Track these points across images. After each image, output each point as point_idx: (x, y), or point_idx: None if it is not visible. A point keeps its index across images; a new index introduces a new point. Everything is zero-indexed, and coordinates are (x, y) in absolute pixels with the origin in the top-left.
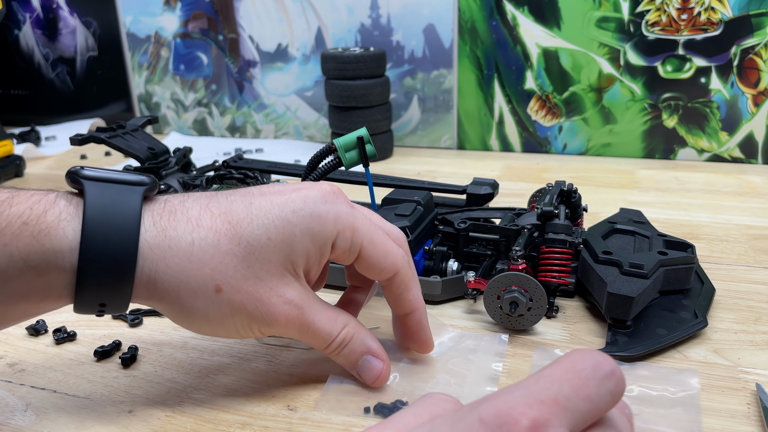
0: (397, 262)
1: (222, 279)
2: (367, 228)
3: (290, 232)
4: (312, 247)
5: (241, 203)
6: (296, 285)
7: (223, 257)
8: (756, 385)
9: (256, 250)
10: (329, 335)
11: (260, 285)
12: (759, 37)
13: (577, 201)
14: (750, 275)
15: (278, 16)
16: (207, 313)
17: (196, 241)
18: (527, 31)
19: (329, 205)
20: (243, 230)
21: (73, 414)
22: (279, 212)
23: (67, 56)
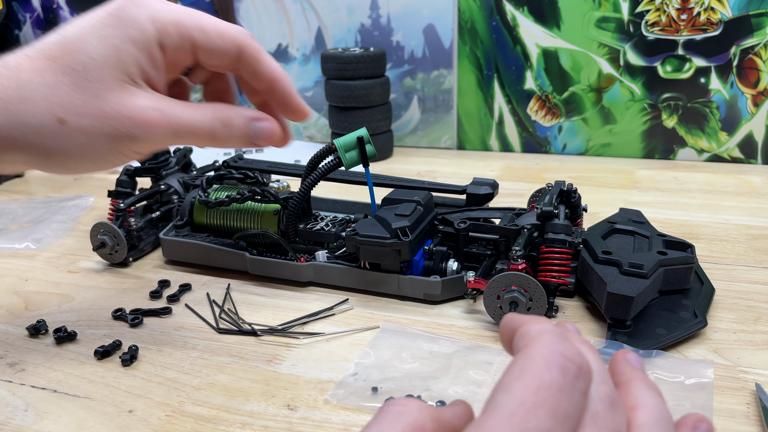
0: (237, 37)
1: (61, 109)
2: (191, 16)
3: (111, 45)
4: (138, 52)
5: (54, 38)
6: (142, 92)
7: (53, 89)
8: (755, 384)
9: (83, 73)
10: (205, 122)
11: (104, 103)
12: (758, 37)
13: (576, 201)
14: (749, 275)
15: (278, 16)
16: (62, 148)
17: (24, 84)
18: (527, 31)
19: (140, 9)
20: (63, 59)
21: (73, 414)
22: (93, 32)
23: None
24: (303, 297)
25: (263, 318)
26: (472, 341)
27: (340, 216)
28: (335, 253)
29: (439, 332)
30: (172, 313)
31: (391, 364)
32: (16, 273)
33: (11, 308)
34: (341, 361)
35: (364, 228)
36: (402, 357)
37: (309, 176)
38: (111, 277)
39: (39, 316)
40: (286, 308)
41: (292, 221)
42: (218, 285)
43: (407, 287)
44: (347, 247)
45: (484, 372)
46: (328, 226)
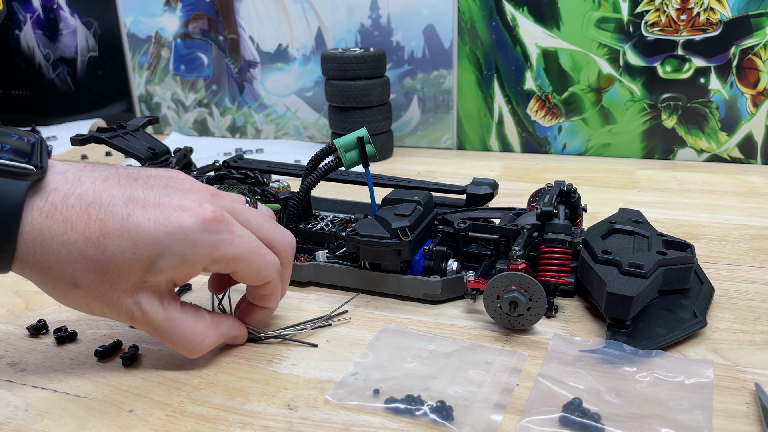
0: (269, 276)
1: (81, 279)
2: (244, 251)
3: (158, 251)
4: (180, 267)
5: (119, 213)
6: (148, 293)
7: (86, 262)
8: (755, 384)
9: (119, 261)
10: (185, 348)
11: (114, 289)
12: (758, 37)
13: (576, 201)
14: (749, 275)
15: (278, 16)
16: (66, 299)
17: (66, 244)
18: (527, 31)
19: (206, 234)
20: (111, 242)
21: (73, 413)
22: (152, 231)
23: (67, 57)
24: (303, 297)
25: None
26: (472, 341)
27: (340, 216)
28: (335, 253)
29: (438, 332)
30: None
31: (390, 363)
32: None
33: (11, 308)
34: (341, 360)
35: (364, 228)
36: (402, 357)
37: (309, 176)
38: None
39: (39, 316)
40: (286, 308)
41: (292, 221)
42: None
43: (407, 287)
44: (347, 247)
45: (484, 372)
46: (328, 226)
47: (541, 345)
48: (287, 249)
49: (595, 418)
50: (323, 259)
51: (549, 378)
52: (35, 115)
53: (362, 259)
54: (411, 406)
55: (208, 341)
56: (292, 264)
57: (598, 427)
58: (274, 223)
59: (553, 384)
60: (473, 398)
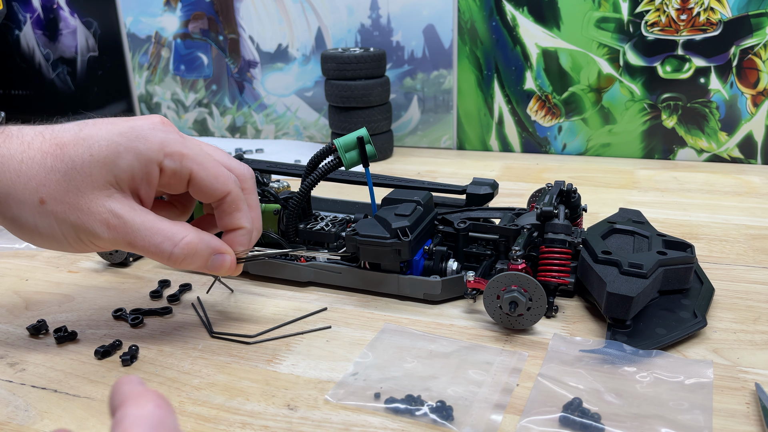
0: (227, 183)
1: (45, 192)
2: (197, 153)
3: (113, 150)
4: (136, 164)
5: (72, 129)
6: (119, 197)
7: (47, 173)
8: (755, 384)
9: (78, 166)
10: (163, 244)
11: (81, 196)
12: (758, 37)
13: (576, 201)
14: (749, 275)
15: (278, 16)
16: (35, 223)
17: (25, 160)
18: (527, 31)
19: (157, 132)
20: (68, 150)
21: (73, 413)
22: (105, 134)
23: (67, 56)
24: (303, 297)
25: (263, 318)
26: (472, 341)
27: (340, 216)
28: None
29: (438, 332)
30: (172, 313)
31: (391, 363)
32: (17, 273)
33: (12, 308)
34: (341, 360)
35: (364, 228)
36: (402, 357)
37: (309, 176)
38: (111, 277)
39: (39, 316)
40: (286, 308)
41: (292, 221)
42: (218, 285)
43: (407, 287)
44: (347, 247)
45: (484, 372)
46: (328, 226)
47: (541, 345)
48: (245, 173)
49: (595, 418)
50: (323, 259)
51: (549, 378)
52: (35, 115)
53: (362, 259)
54: (411, 406)
55: (191, 237)
56: (255, 191)
57: (598, 427)
58: (227, 154)
59: (553, 384)
60: (473, 398)
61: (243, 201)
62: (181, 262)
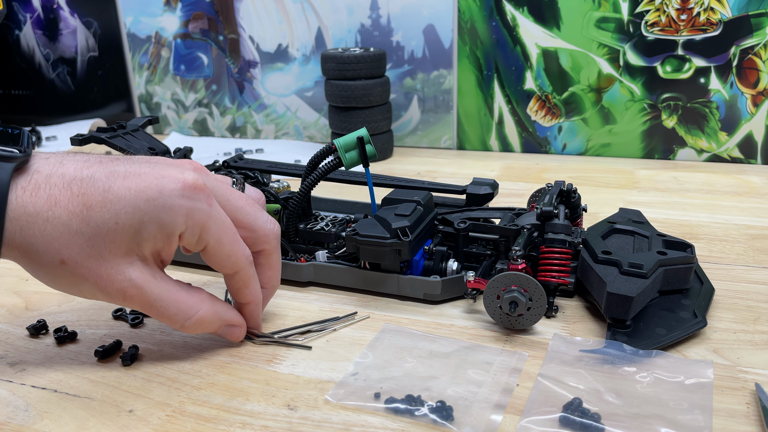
0: (238, 264)
1: (67, 254)
2: (218, 229)
3: (139, 219)
4: (159, 234)
5: (101, 186)
6: (140, 266)
7: (71, 236)
8: (755, 384)
9: (103, 233)
10: (176, 317)
11: (102, 263)
12: (758, 37)
13: (576, 201)
14: (749, 275)
15: (278, 16)
16: (54, 278)
17: (51, 219)
18: (527, 31)
19: (184, 200)
20: (94, 214)
21: (73, 413)
22: (132, 200)
23: (67, 56)
24: (303, 297)
25: (263, 318)
26: (472, 341)
27: (340, 216)
28: (335, 253)
29: (438, 332)
30: None
31: (391, 363)
32: (16, 273)
33: (11, 308)
34: (341, 360)
35: (364, 228)
36: (402, 357)
37: (309, 176)
38: None
39: (39, 316)
40: (286, 308)
41: (292, 221)
42: (218, 285)
43: (407, 287)
44: (347, 247)
45: (484, 372)
46: (328, 226)
47: (541, 345)
48: (269, 234)
49: (595, 418)
50: (323, 259)
51: (549, 378)
52: (35, 115)
53: (362, 259)
54: (411, 406)
55: (203, 313)
56: (279, 251)
57: (598, 427)
58: (258, 208)
59: (553, 384)
60: (473, 398)
61: (251, 278)
62: (190, 332)
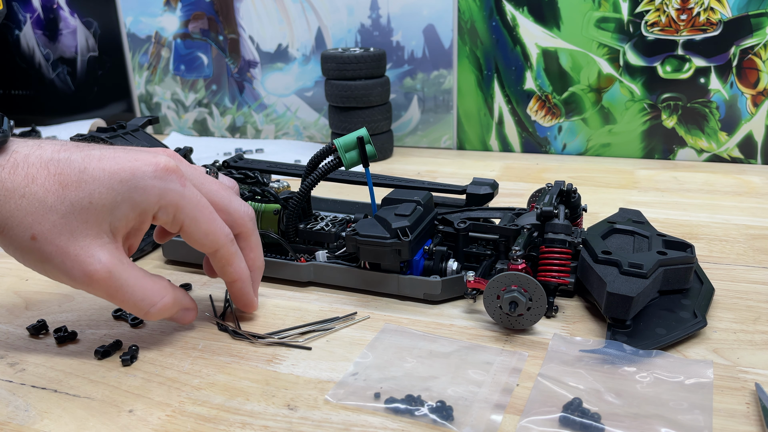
0: (217, 240)
1: (38, 230)
2: (193, 207)
3: (112, 199)
4: (131, 214)
5: (77, 166)
6: (111, 248)
7: (45, 211)
8: (755, 384)
9: (77, 210)
10: (142, 302)
11: (72, 241)
12: (758, 37)
13: (576, 201)
14: (749, 275)
15: (278, 16)
16: (22, 254)
17: (27, 195)
18: (527, 31)
19: (157, 181)
20: (69, 193)
21: (73, 413)
22: (107, 180)
23: (67, 56)
24: (303, 297)
25: (263, 318)
26: (472, 341)
27: (340, 216)
28: (335, 253)
29: (438, 332)
30: None
31: (390, 363)
32: (16, 273)
33: (11, 308)
34: (341, 360)
35: (364, 228)
36: (402, 357)
37: (309, 176)
38: None
39: (39, 316)
40: (286, 308)
41: (292, 221)
42: (218, 285)
43: (407, 287)
44: (347, 247)
45: (484, 372)
46: (328, 226)
47: (541, 345)
48: (243, 217)
49: (595, 418)
50: (323, 259)
51: (549, 378)
52: (35, 115)
53: (362, 259)
54: (411, 406)
55: (165, 301)
56: (256, 232)
57: (598, 427)
58: (231, 192)
59: (553, 384)
60: (473, 398)
61: (234, 255)
62: (151, 318)
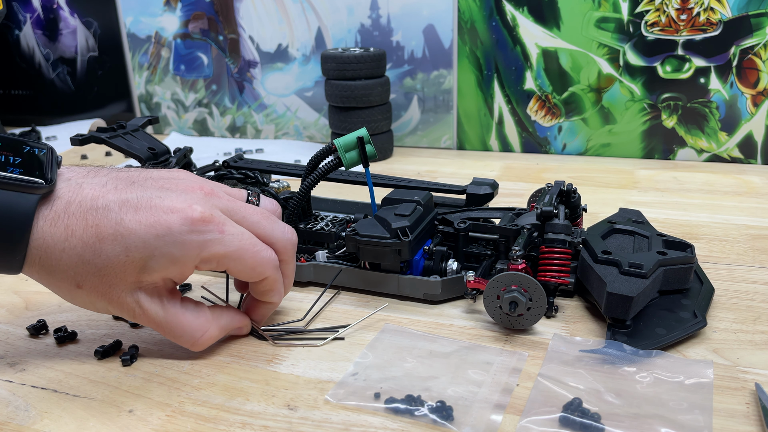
0: (265, 272)
1: (82, 280)
2: (235, 251)
3: (149, 254)
4: (171, 267)
5: (113, 217)
6: (148, 291)
7: (84, 266)
8: (755, 384)
9: (113, 264)
10: (187, 341)
11: (112, 290)
12: (758, 37)
13: (576, 201)
14: (749, 275)
15: (278, 16)
16: (72, 298)
17: (66, 249)
18: (527, 31)
19: (194, 235)
20: (106, 247)
21: (73, 413)
22: (143, 234)
23: (67, 56)
24: (303, 297)
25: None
26: (472, 341)
27: (340, 216)
28: (335, 253)
29: (438, 332)
30: None
31: (390, 363)
32: None
33: (11, 308)
34: (341, 360)
35: (364, 228)
36: (402, 357)
37: (309, 176)
38: None
39: (39, 316)
40: (286, 308)
41: (292, 221)
42: (218, 285)
43: (407, 287)
44: (347, 247)
45: (484, 372)
46: (328, 226)
47: (541, 345)
48: (287, 245)
49: (595, 418)
50: (323, 259)
51: (549, 378)
52: (35, 115)
53: (362, 259)
54: (411, 406)
55: (209, 334)
56: (294, 260)
57: (598, 427)
58: (274, 219)
59: (553, 384)
60: (473, 398)
61: (278, 282)
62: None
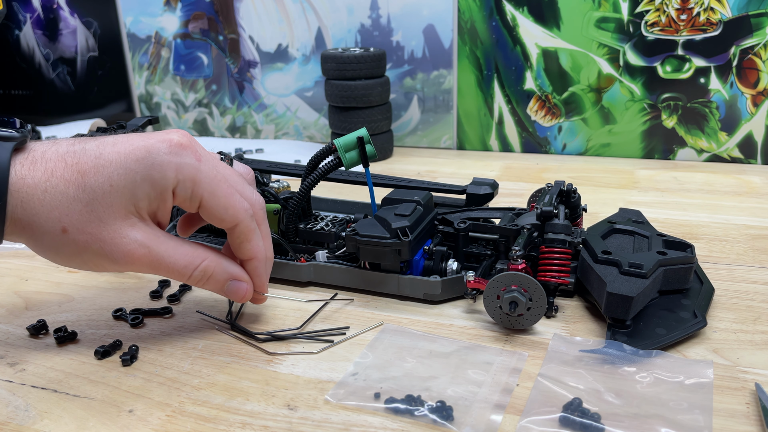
0: (237, 215)
1: (68, 221)
2: (210, 181)
3: (131, 180)
4: (152, 192)
5: (92, 153)
6: (141, 226)
7: (69, 203)
8: (755, 384)
9: (99, 196)
10: (185, 269)
11: (103, 227)
12: (758, 37)
13: (576, 201)
14: (749, 275)
15: (278, 16)
16: (57, 249)
17: (49, 189)
18: (527, 31)
19: (172, 156)
20: (89, 179)
21: (73, 413)
22: (123, 161)
23: (67, 56)
24: (303, 297)
25: (263, 318)
26: (472, 341)
27: (340, 216)
28: (335, 253)
29: (438, 332)
30: (172, 314)
31: (390, 363)
32: (17, 273)
33: (11, 308)
34: (341, 360)
35: (364, 228)
36: (402, 357)
37: (309, 176)
38: (111, 277)
39: (39, 316)
40: (286, 308)
41: (292, 221)
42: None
43: (407, 287)
44: (347, 247)
45: (484, 372)
46: (328, 226)
47: (541, 345)
48: (255, 205)
49: (595, 418)
50: (323, 259)
51: (549, 378)
52: (35, 115)
53: (362, 259)
54: (411, 406)
55: (209, 260)
56: (266, 222)
57: (598, 427)
58: (243, 180)
59: (553, 384)
60: (473, 398)
61: (253, 232)
62: (197, 283)
